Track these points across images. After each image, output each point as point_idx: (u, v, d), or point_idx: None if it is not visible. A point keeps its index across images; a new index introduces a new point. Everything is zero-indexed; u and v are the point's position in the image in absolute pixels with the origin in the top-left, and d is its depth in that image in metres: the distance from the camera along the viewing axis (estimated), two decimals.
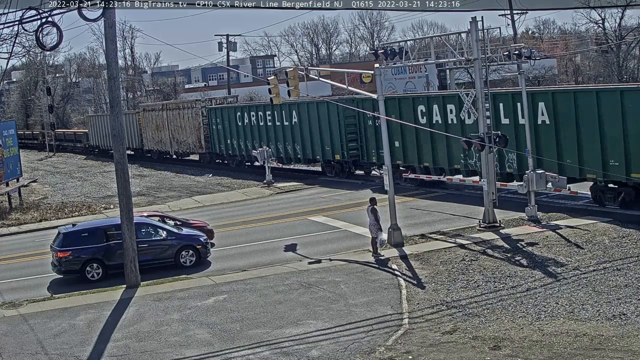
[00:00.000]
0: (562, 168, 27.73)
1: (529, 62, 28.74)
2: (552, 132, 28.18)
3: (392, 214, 24.94)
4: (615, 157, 26.11)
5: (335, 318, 18.29)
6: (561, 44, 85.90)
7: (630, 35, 69.38)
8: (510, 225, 25.84)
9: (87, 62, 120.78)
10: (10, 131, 44.18)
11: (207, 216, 32.83)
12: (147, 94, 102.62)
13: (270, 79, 29.54)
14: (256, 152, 42.12)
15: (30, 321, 19.92)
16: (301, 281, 21.59)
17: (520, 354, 15.22)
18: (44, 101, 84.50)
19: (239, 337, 17.53)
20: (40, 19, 21.16)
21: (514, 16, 65.63)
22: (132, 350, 17.26)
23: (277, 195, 38.33)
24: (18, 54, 54.82)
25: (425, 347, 16.02)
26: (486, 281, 20.29)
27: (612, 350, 15.03)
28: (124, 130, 23.09)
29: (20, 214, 38.00)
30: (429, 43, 27.75)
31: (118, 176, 22.89)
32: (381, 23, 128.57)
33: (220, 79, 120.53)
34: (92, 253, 24.04)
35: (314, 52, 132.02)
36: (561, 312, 17.52)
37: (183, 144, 55.10)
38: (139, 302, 20.88)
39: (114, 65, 23.02)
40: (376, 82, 25.92)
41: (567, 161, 27.63)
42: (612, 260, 20.95)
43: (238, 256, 25.96)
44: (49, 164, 66.42)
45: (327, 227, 28.96)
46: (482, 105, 25.54)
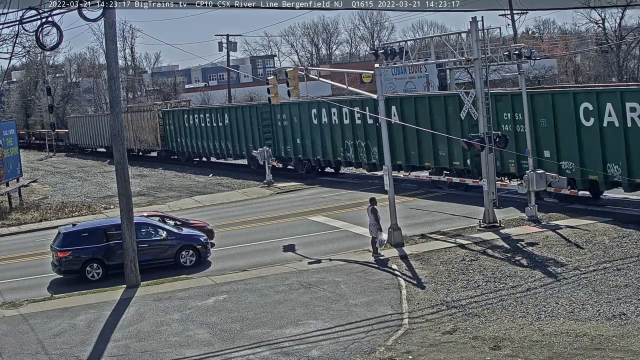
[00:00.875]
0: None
1: (529, 62, 28.74)
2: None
3: (392, 214, 24.94)
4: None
5: (335, 318, 18.30)
6: (561, 44, 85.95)
7: (630, 35, 69.40)
8: (510, 225, 25.84)
9: (87, 62, 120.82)
10: (10, 131, 44.19)
11: (207, 216, 32.83)
12: (147, 94, 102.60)
13: (269, 79, 29.55)
14: (256, 152, 42.20)
15: (31, 321, 19.92)
16: (301, 281, 21.59)
17: (520, 354, 15.22)
18: (44, 101, 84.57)
19: (239, 337, 17.53)
20: (40, 19, 21.15)
21: (514, 16, 65.68)
22: (132, 350, 17.26)
23: (277, 195, 38.33)
24: (18, 54, 54.81)
25: (425, 347, 16.02)
26: (486, 281, 20.30)
27: (612, 350, 15.03)
28: (123, 130, 23.08)
29: (20, 214, 38.00)
30: (429, 43, 27.75)
31: (118, 176, 22.89)
32: (381, 23, 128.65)
33: (221, 79, 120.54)
34: (92, 253, 24.03)
35: (314, 52, 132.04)
36: (561, 312, 17.52)
37: (144, 142, 61.65)
38: (139, 302, 20.88)
39: (114, 65, 23.02)
40: (376, 82, 25.93)
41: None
42: (612, 260, 20.95)
43: (238, 256, 25.96)
44: (49, 164, 66.42)
45: (327, 227, 28.97)
46: (482, 105, 25.55)
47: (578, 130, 27.17)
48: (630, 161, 25.60)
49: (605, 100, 26.20)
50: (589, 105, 26.75)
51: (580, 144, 27.24)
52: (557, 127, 27.94)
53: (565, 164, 27.79)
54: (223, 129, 49.67)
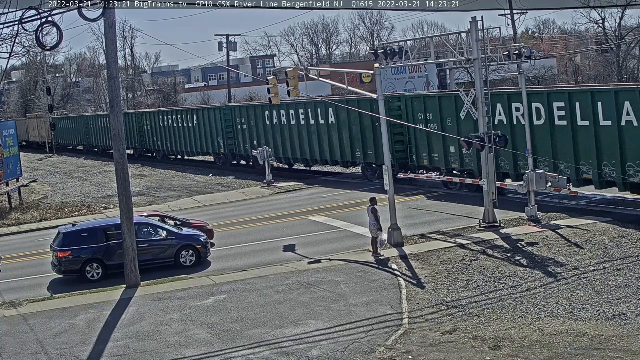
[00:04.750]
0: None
1: (529, 62, 28.76)
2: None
3: (392, 214, 24.94)
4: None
5: (335, 318, 18.30)
6: (561, 44, 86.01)
7: (630, 35, 69.38)
8: (510, 225, 25.84)
9: (87, 62, 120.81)
10: (10, 131, 44.15)
11: (207, 216, 32.83)
12: (147, 94, 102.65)
13: (269, 79, 29.54)
14: (256, 152, 42.27)
15: (30, 321, 19.92)
16: (301, 281, 21.59)
17: (520, 354, 15.22)
18: (44, 101, 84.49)
19: (239, 337, 17.53)
20: (40, 19, 21.16)
21: (514, 16, 65.62)
22: (132, 350, 17.26)
23: (277, 195, 38.33)
24: (18, 54, 54.93)
25: (425, 347, 16.02)
26: (486, 281, 20.29)
27: (612, 350, 15.03)
28: (123, 130, 23.08)
29: (20, 214, 37.99)
30: (429, 43, 27.77)
31: (118, 176, 22.89)
32: (381, 23, 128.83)
33: (221, 79, 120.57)
34: (92, 253, 24.03)
35: (314, 52, 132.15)
36: (561, 312, 17.53)
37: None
38: (139, 302, 20.88)
39: (114, 65, 23.01)
40: (376, 82, 25.92)
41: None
42: (612, 260, 20.95)
43: (238, 256, 25.96)
44: (49, 164, 66.40)
45: (327, 227, 28.97)
46: (482, 105, 25.55)
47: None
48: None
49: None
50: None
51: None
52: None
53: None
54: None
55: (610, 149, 26.09)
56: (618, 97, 25.67)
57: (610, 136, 25.97)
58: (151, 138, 61.04)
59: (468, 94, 26.35)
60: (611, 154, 26.05)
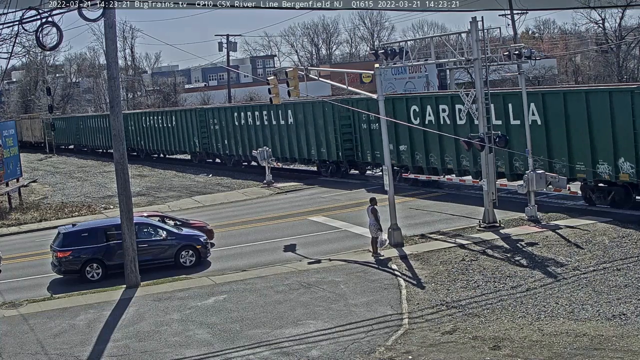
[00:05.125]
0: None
1: (529, 62, 28.75)
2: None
3: (392, 214, 24.94)
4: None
5: (335, 318, 18.30)
6: (561, 44, 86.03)
7: (630, 35, 69.37)
8: (510, 225, 25.84)
9: (87, 62, 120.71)
10: (10, 131, 44.14)
11: (207, 216, 32.83)
12: (147, 94, 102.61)
13: (270, 79, 29.53)
14: (256, 152, 42.30)
15: (30, 321, 19.92)
16: (301, 281, 21.59)
17: (520, 354, 15.22)
18: (44, 101, 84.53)
19: (239, 337, 17.54)
20: (40, 19, 21.16)
21: (514, 16, 65.64)
22: (132, 350, 17.26)
23: (276, 195, 38.33)
24: (18, 54, 55.02)
25: (425, 347, 16.02)
26: (486, 281, 20.29)
27: (612, 350, 15.03)
28: (123, 130, 23.08)
29: (20, 214, 37.98)
30: (429, 43, 27.77)
31: (118, 176, 22.89)
32: (381, 23, 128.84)
33: (221, 79, 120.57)
34: (92, 253, 24.04)
35: (314, 52, 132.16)
36: (561, 312, 17.52)
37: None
38: (139, 302, 20.88)
39: (114, 65, 23.02)
40: (376, 82, 25.91)
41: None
42: (612, 260, 20.95)
43: (238, 256, 25.97)
44: (49, 164, 66.39)
45: (327, 227, 28.97)
46: (482, 105, 25.53)
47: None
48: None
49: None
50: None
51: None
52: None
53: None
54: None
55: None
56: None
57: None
58: (135, 138, 64.04)
59: (468, 94, 26.33)
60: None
